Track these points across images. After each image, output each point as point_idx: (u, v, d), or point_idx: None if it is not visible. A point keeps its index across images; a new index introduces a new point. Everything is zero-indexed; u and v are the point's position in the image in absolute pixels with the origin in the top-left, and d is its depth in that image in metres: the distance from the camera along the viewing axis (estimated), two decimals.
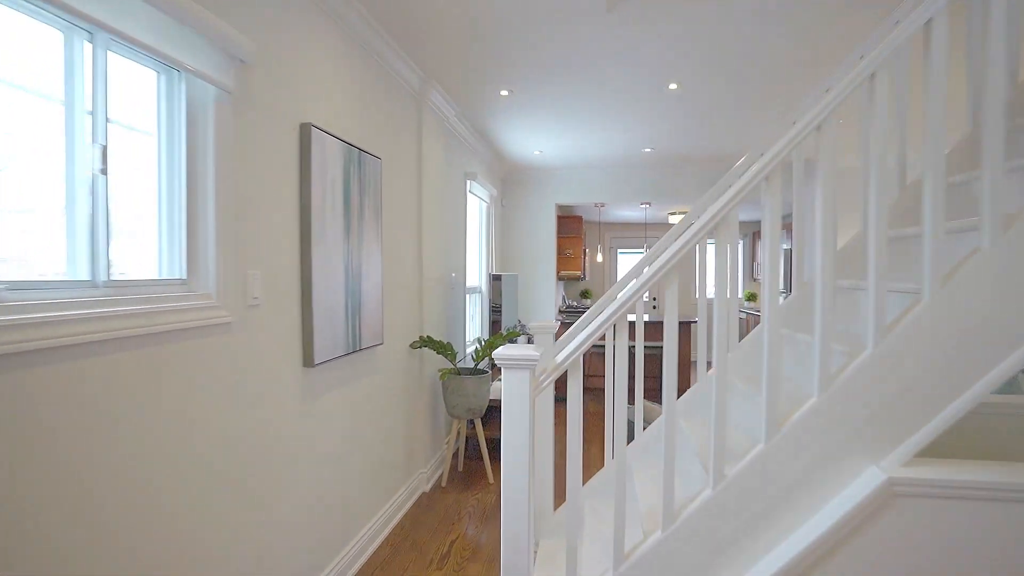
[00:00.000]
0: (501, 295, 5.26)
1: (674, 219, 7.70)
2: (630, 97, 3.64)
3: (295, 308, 2.05)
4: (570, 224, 7.18)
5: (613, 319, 1.65)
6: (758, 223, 9.07)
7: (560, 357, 1.65)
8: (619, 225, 9.16)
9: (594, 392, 6.55)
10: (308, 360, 2.08)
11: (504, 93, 3.56)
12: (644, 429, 2.53)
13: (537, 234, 6.42)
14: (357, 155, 2.45)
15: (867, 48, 2.14)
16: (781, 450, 1.51)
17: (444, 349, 3.45)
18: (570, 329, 2.53)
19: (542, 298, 6.43)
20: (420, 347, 3.35)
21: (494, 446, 4.36)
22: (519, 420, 1.57)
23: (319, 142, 2.11)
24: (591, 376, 6.54)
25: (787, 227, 7.57)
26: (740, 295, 9.23)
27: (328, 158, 2.19)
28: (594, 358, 6.51)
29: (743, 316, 8.55)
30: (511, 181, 6.42)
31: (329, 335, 2.19)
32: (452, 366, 3.63)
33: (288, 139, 2.00)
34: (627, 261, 9.46)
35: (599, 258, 7.05)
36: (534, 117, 4.15)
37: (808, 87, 3.38)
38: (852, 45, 2.67)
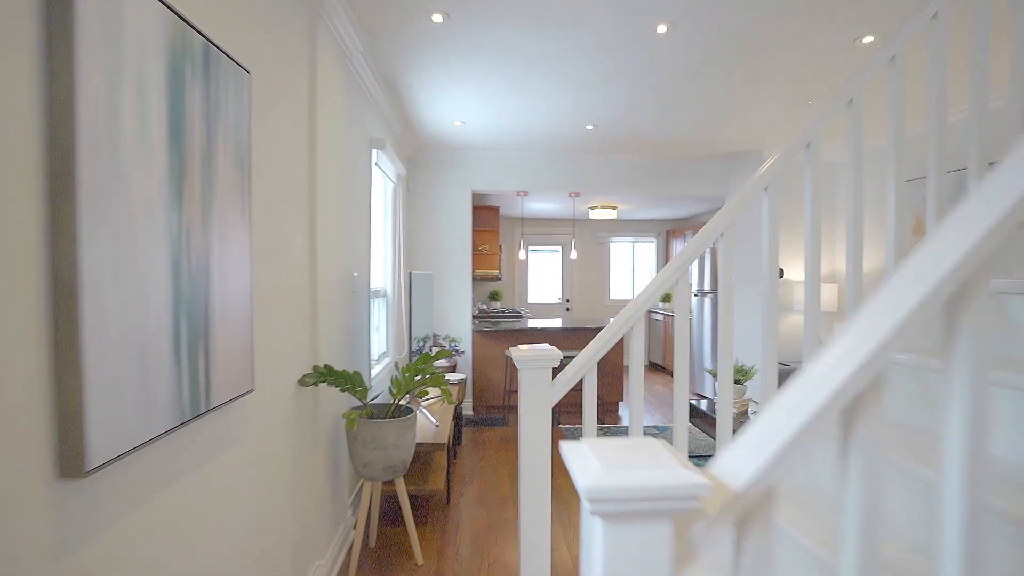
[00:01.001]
0: (411, 299, 4.19)
1: (596, 214, 7.10)
2: (604, 41, 2.80)
3: (32, 355, 0.90)
4: (485, 216, 6.26)
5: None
6: (671, 221, 8.80)
7: None
8: (535, 220, 8.41)
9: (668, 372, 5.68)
10: (71, 464, 0.94)
11: (437, 19, 2.54)
12: None
13: (450, 226, 5.41)
14: (203, 52, 1.32)
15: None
16: None
17: (350, 382, 2.36)
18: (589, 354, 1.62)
19: (456, 303, 5.43)
20: (315, 383, 2.23)
21: (425, 505, 3.30)
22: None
23: None
24: (516, 391, 5.67)
25: (694, 227, 7.28)
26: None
27: (130, 37, 1.06)
28: None
29: (659, 318, 8.20)
30: (420, 161, 5.35)
31: (130, 400, 1.06)
32: (362, 404, 2.54)
33: None
34: (541, 261, 8.76)
35: (521, 255, 6.17)
36: (469, 65, 3.16)
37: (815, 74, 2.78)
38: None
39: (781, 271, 5.14)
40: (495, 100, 3.75)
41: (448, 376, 4.69)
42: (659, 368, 8.31)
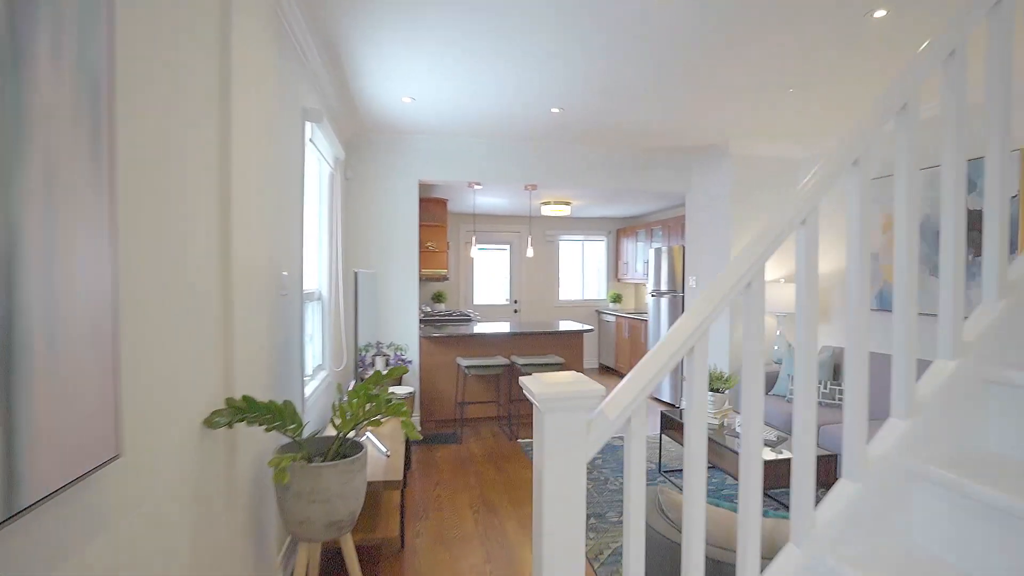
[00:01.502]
0: (356, 302, 3.59)
1: (549, 210, 6.69)
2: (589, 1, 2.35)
3: None
4: (433, 209, 5.68)
5: None
6: (622, 220, 8.57)
7: None
8: (486, 216, 7.89)
9: (473, 424, 5.19)
10: None
11: None
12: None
13: (394, 219, 4.81)
14: None
15: None
16: None
17: (278, 418, 1.77)
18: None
19: (401, 306, 4.84)
20: (229, 423, 1.63)
21: (374, 555, 2.72)
22: None
23: None
24: (470, 403, 5.15)
25: (663, 223, 7.08)
26: (604, 296, 8.66)
27: None
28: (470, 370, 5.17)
29: (610, 319, 7.93)
30: (362, 146, 4.71)
31: None
32: (294, 443, 1.95)
33: None
34: (489, 260, 8.26)
35: (472, 253, 5.59)
36: (423, 26, 2.62)
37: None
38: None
39: None
40: (453, 73, 3.23)
41: (393, 390, 4.11)
42: (611, 371, 8.04)
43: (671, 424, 3.90)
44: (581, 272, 8.64)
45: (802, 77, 3.25)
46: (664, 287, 6.24)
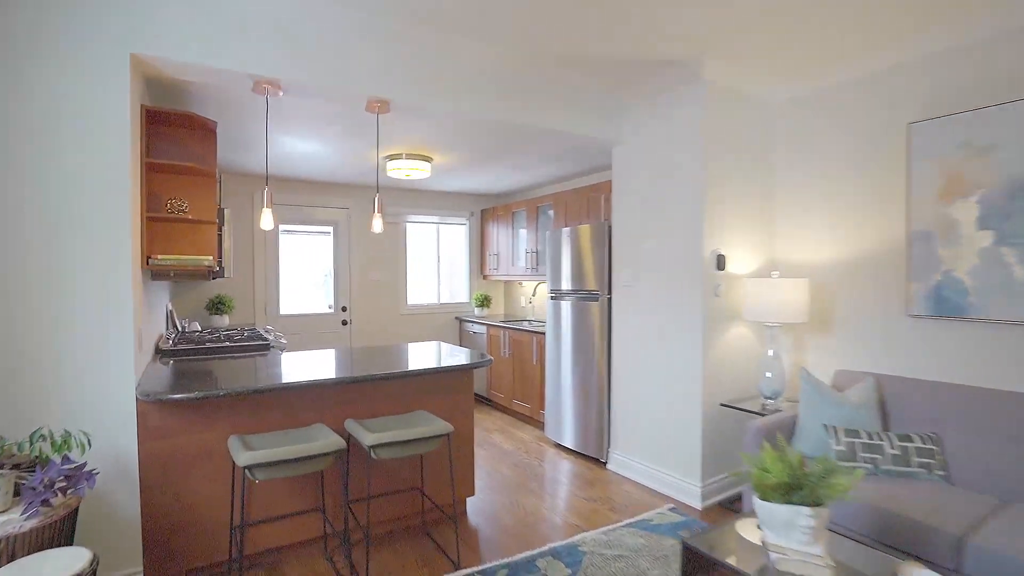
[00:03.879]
0: None
1: (398, 171, 4.35)
2: None
3: None
4: (186, 139, 2.86)
5: None
6: (488, 196, 6.54)
7: None
8: (296, 182, 5.09)
9: (272, 562, 2.61)
10: None
11: None
12: None
13: (73, 138, 2.11)
14: None
15: None
16: None
17: None
18: None
19: (96, 332, 2.15)
20: None
21: None
22: None
23: None
24: (261, 523, 2.60)
25: (554, 199, 5.20)
26: (467, 298, 6.54)
27: None
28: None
29: (479, 330, 5.85)
30: None
31: None
32: None
33: None
34: (301, 246, 5.55)
35: (265, 224, 2.84)
36: None
37: None
38: None
39: (720, 258, 3.24)
40: None
41: (48, 556, 1.50)
42: (485, 401, 5.96)
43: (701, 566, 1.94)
44: (436, 266, 6.40)
45: None
46: (568, 285, 4.36)
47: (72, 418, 2.12)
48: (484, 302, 6.26)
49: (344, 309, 5.69)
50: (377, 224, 2.97)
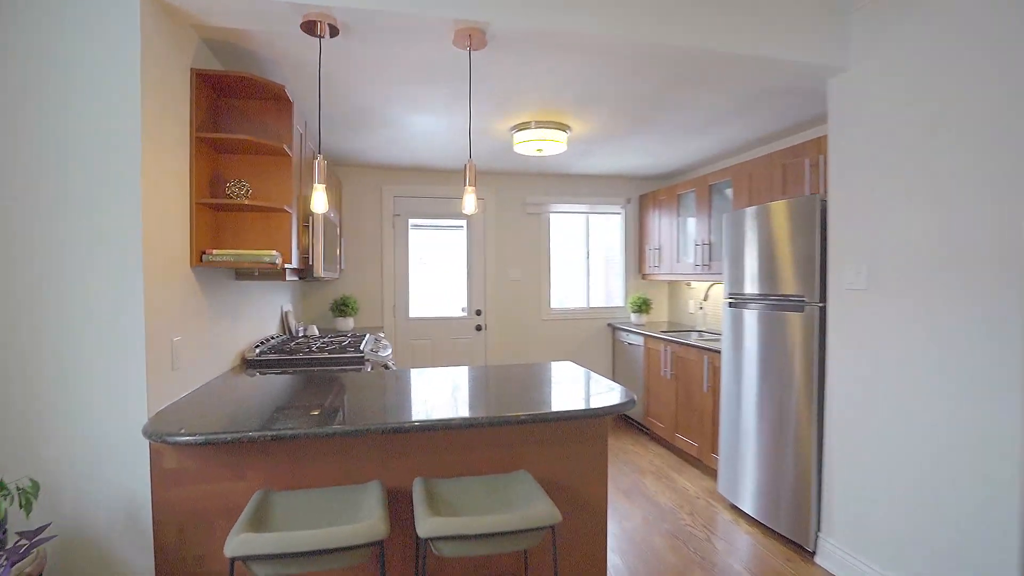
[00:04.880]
0: None
1: (526, 145, 3.52)
2: None
3: None
4: (250, 108, 2.34)
5: None
6: (647, 179, 5.41)
7: None
8: (416, 169, 4.60)
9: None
10: None
11: None
12: None
13: (83, 106, 1.65)
14: None
15: None
16: None
17: None
18: None
19: (102, 353, 1.68)
20: None
21: None
22: None
23: None
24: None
25: (734, 172, 3.91)
26: (622, 302, 5.49)
27: None
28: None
29: (635, 342, 4.78)
30: None
31: None
32: None
33: None
34: (429, 244, 5.08)
35: (317, 206, 2.11)
36: None
37: None
38: None
39: None
40: None
41: None
42: (636, 427, 4.89)
43: None
44: (585, 264, 5.47)
45: None
46: (754, 287, 3.11)
47: (69, 459, 1.67)
48: (642, 307, 5.15)
49: (478, 313, 5.07)
50: (469, 203, 2.15)
